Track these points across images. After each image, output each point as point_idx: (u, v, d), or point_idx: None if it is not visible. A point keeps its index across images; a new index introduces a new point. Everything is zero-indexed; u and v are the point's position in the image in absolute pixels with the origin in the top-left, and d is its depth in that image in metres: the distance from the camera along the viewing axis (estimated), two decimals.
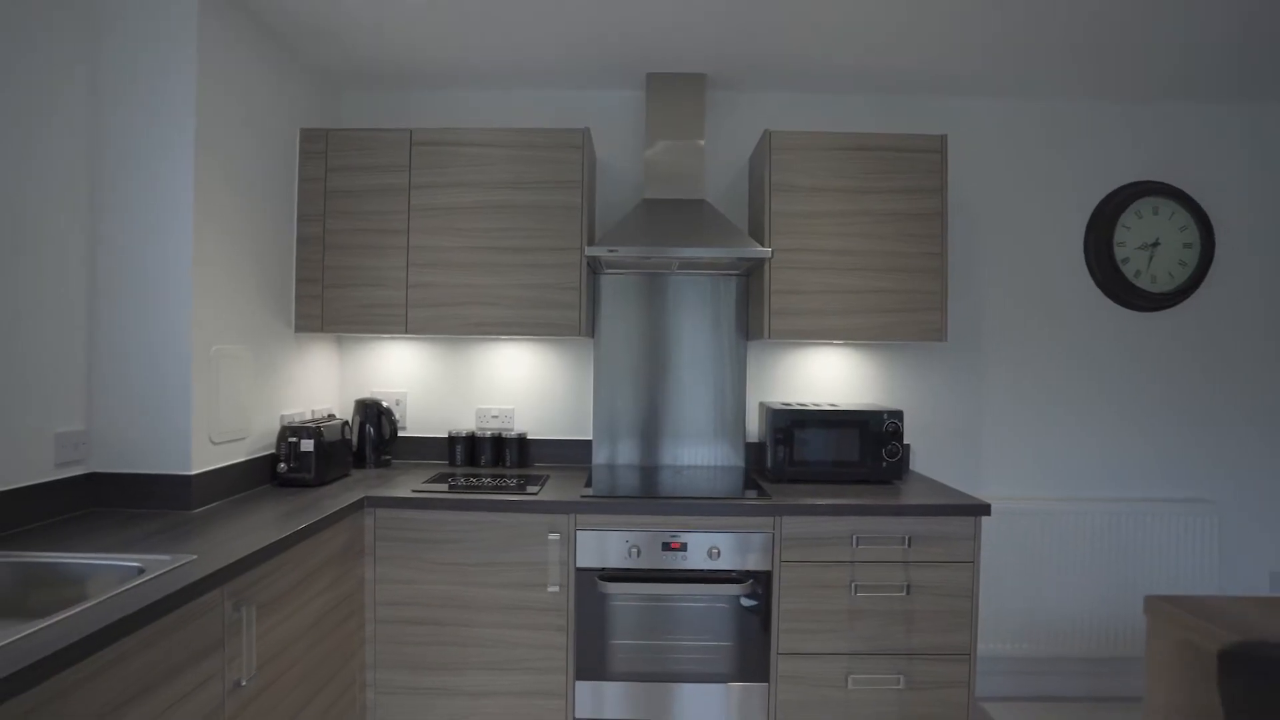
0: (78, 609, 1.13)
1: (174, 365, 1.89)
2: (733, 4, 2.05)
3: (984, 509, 2.11)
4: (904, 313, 2.39)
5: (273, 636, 1.62)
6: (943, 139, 2.39)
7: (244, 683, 1.48)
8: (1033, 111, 2.78)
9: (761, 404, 2.66)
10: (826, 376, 2.76)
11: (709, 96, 2.76)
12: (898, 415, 2.39)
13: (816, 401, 2.73)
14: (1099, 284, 2.80)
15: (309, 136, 2.45)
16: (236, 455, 2.12)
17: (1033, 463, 2.79)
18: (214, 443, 2.00)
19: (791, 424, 2.41)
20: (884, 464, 2.40)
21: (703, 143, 2.54)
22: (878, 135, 2.39)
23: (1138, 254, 2.76)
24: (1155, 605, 1.26)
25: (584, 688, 2.15)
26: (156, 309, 1.89)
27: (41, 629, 1.05)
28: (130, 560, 1.42)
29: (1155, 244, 2.76)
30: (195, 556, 1.44)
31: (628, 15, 2.14)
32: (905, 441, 2.76)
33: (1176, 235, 2.77)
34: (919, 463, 2.77)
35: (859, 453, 2.40)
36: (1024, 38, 2.24)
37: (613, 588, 2.12)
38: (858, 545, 2.12)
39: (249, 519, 1.80)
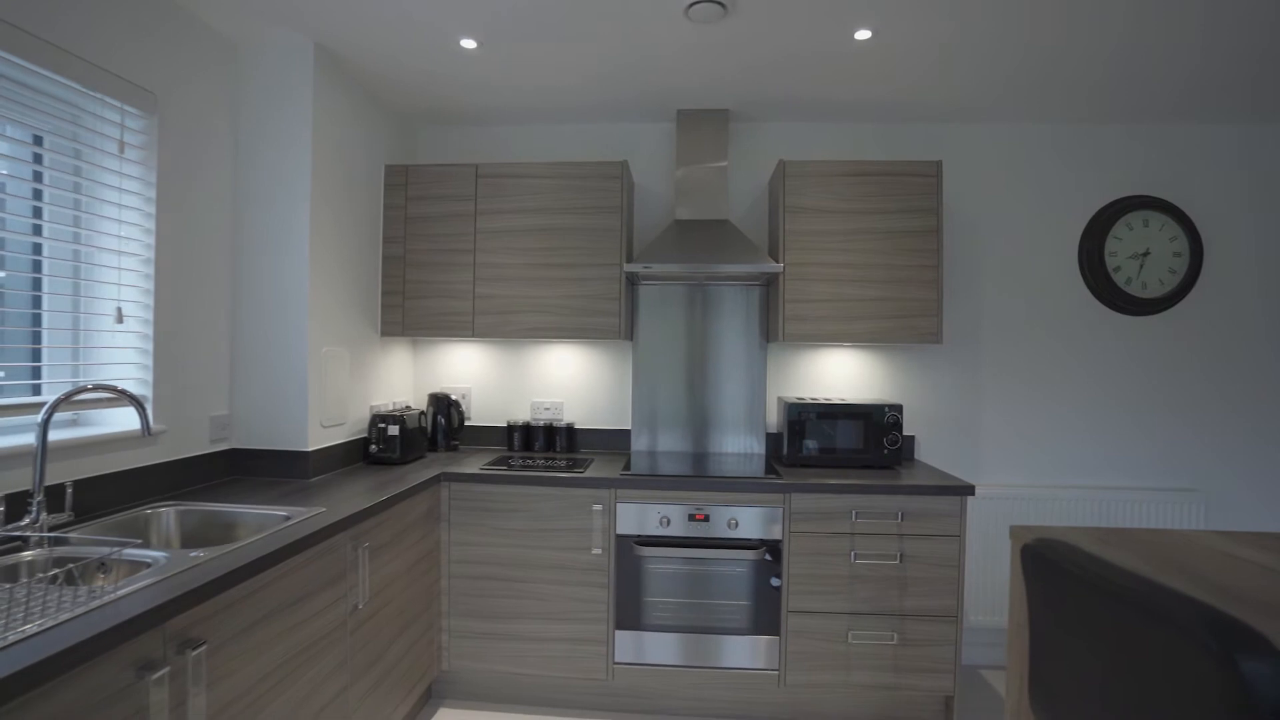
0: (255, 538, 1.58)
1: (294, 363, 2.37)
2: (750, 61, 2.43)
3: (968, 490, 2.43)
4: (902, 318, 2.71)
5: (379, 576, 2.07)
6: (938, 165, 2.71)
7: (360, 606, 1.92)
8: (1029, 134, 3.06)
9: (780, 398, 3.02)
10: (840, 374, 3.10)
11: (732, 128, 3.13)
12: (897, 409, 2.72)
13: (828, 396, 3.07)
14: (1092, 290, 3.06)
15: (392, 172, 2.92)
16: (338, 437, 2.59)
17: (1029, 452, 3.07)
18: (323, 426, 2.47)
19: (803, 416, 2.77)
20: (885, 451, 2.73)
21: (726, 166, 2.91)
22: (879, 162, 2.72)
23: (1129, 263, 3.01)
24: (1014, 530, 1.60)
25: (622, 636, 2.54)
26: (281, 319, 2.37)
27: (239, 547, 1.50)
28: (278, 510, 1.88)
29: (1146, 253, 3.01)
30: (324, 509, 1.89)
31: (661, 65, 2.53)
32: (910, 434, 3.07)
33: (1167, 245, 3.01)
34: (923, 452, 3.08)
35: (863, 441, 2.74)
36: (1022, 73, 2.55)
37: (646, 551, 2.52)
38: (856, 519, 2.46)
39: (353, 486, 2.26)
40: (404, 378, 3.19)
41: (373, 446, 2.71)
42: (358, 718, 1.93)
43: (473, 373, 3.26)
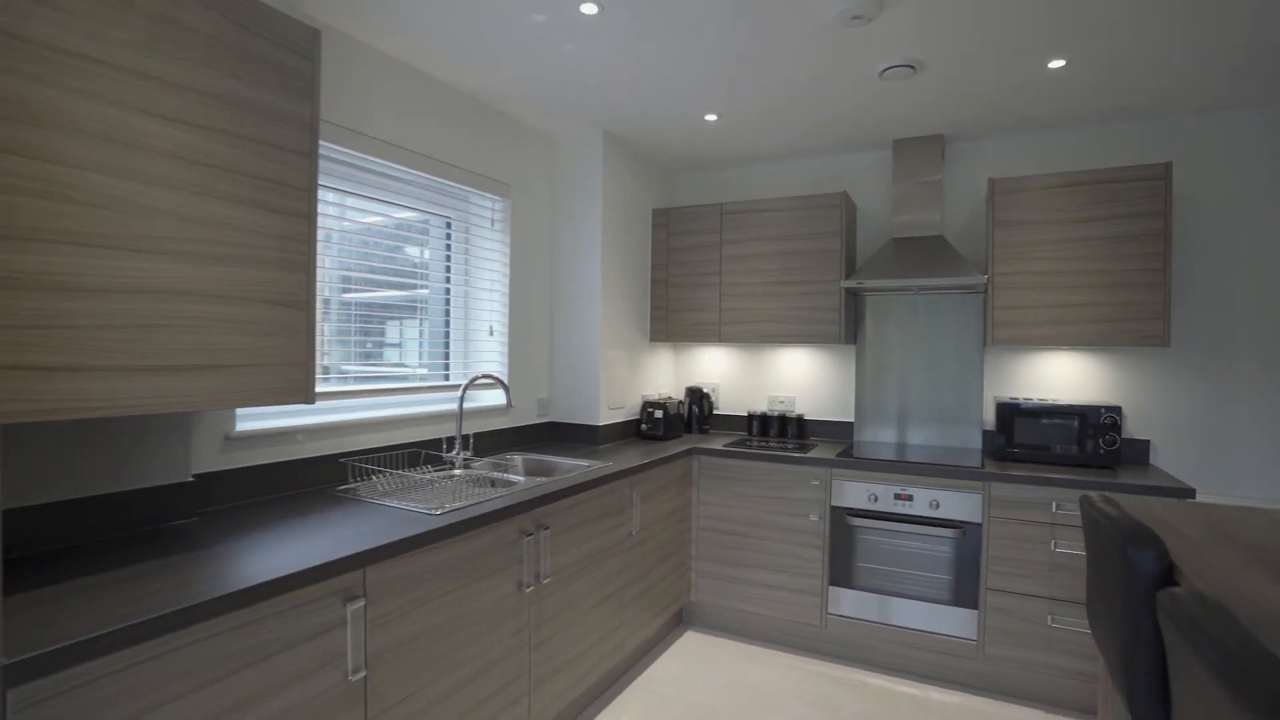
0: (571, 474, 2.46)
1: (590, 361, 3.30)
2: (950, 99, 2.76)
3: (1186, 493, 2.47)
4: (1119, 322, 2.78)
5: (646, 516, 2.87)
6: (1166, 166, 2.72)
7: (633, 533, 2.74)
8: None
9: (994, 397, 3.23)
10: (1061, 376, 3.19)
11: (946, 149, 3.40)
12: (1115, 410, 2.80)
13: (1044, 397, 3.19)
14: None
15: (657, 214, 3.76)
16: (619, 417, 3.49)
17: None
18: (609, 408, 3.38)
19: (1014, 414, 2.98)
20: (1102, 451, 2.82)
21: (940, 183, 3.21)
22: (1094, 171, 2.82)
23: None
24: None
25: (834, 591, 3.04)
26: (582, 329, 3.32)
27: (565, 478, 2.38)
28: (582, 461, 2.78)
29: None
30: (612, 463, 2.75)
31: (869, 111, 2.97)
32: (1144, 438, 3.05)
33: None
34: (1160, 457, 3.03)
35: (1078, 440, 2.87)
36: (1261, 55, 2.50)
37: (856, 522, 2.99)
38: (1057, 510, 2.65)
39: (629, 451, 3.11)
40: (667, 374, 4.04)
41: (643, 425, 3.57)
42: (628, 613, 2.75)
43: (720, 371, 3.98)
